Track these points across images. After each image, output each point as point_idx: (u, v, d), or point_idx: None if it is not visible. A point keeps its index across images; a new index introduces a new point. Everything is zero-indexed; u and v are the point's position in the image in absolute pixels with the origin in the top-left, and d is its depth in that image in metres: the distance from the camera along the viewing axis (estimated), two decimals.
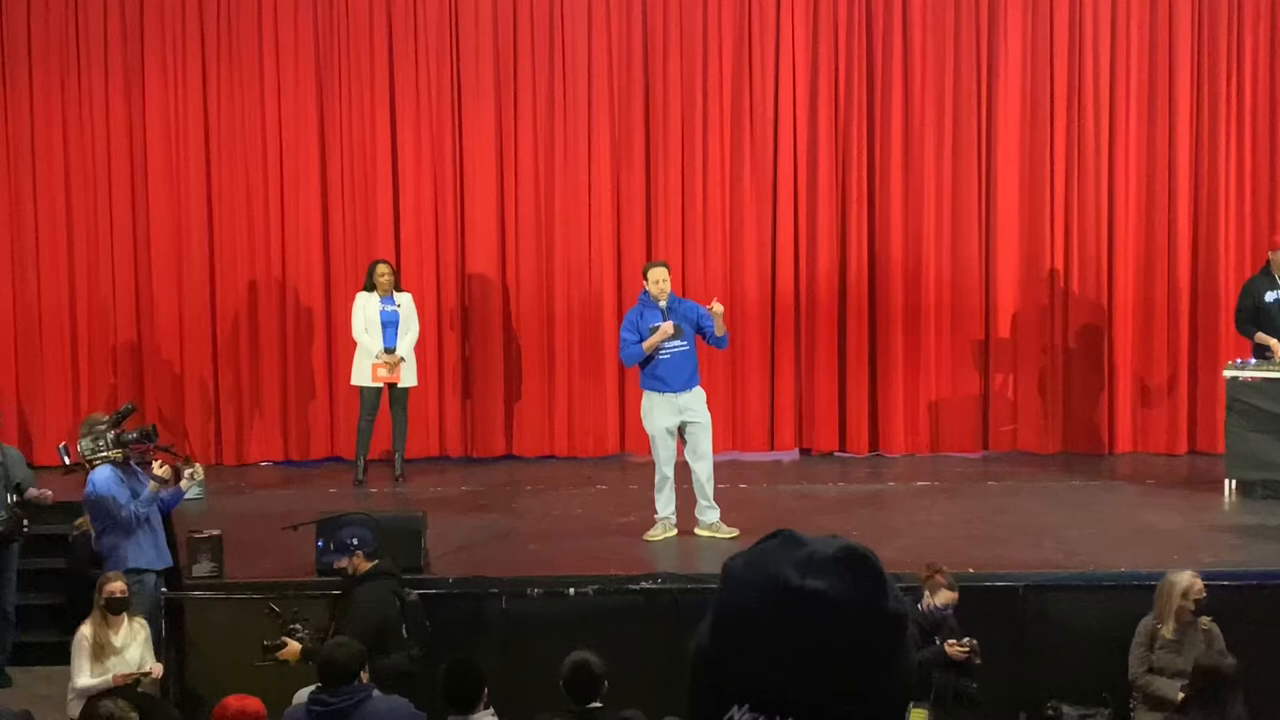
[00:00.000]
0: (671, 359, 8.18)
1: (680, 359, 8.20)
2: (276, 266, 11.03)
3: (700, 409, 8.33)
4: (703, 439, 8.32)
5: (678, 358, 8.19)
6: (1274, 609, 7.32)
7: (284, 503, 9.28)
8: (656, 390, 8.23)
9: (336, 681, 5.32)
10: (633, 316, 8.30)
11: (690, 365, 8.26)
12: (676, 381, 8.20)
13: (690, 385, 8.26)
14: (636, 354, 8.17)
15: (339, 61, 10.95)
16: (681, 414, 8.25)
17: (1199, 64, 10.87)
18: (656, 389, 8.23)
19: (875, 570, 1.21)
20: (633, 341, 8.18)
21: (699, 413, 8.31)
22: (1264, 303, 9.38)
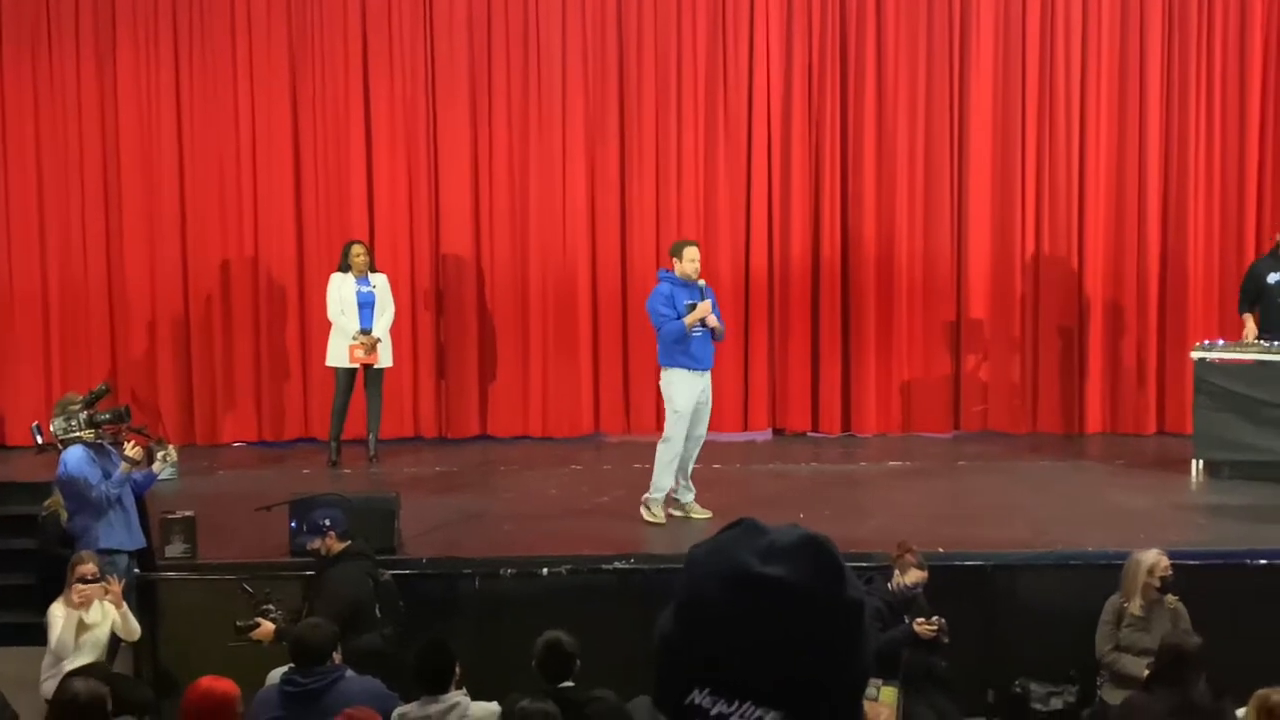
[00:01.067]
0: (702, 337, 8.28)
1: (706, 338, 8.31)
2: (249, 246, 11.00)
3: (710, 389, 8.45)
4: (706, 419, 8.43)
5: (705, 337, 8.30)
6: (1239, 588, 7.42)
7: (257, 483, 9.26)
8: (686, 367, 8.26)
9: (309, 662, 5.35)
10: (665, 293, 8.26)
11: (710, 345, 8.38)
12: (705, 359, 8.32)
13: (710, 364, 8.40)
14: (678, 329, 8.18)
15: (312, 39, 10.91)
16: (701, 392, 8.35)
17: (1169, 47, 10.94)
18: (687, 366, 8.26)
19: (834, 558, 1.24)
20: (672, 317, 8.19)
21: (709, 391, 8.43)
22: (1265, 284, 9.46)
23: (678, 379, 8.26)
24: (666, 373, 8.32)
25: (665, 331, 8.20)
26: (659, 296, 8.28)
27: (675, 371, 8.26)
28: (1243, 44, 10.92)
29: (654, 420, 11.11)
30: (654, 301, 8.30)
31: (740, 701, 1.19)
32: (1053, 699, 7.24)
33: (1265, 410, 9.02)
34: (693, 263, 8.27)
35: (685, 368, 8.25)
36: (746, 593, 1.21)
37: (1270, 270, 9.50)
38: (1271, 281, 9.45)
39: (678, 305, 8.18)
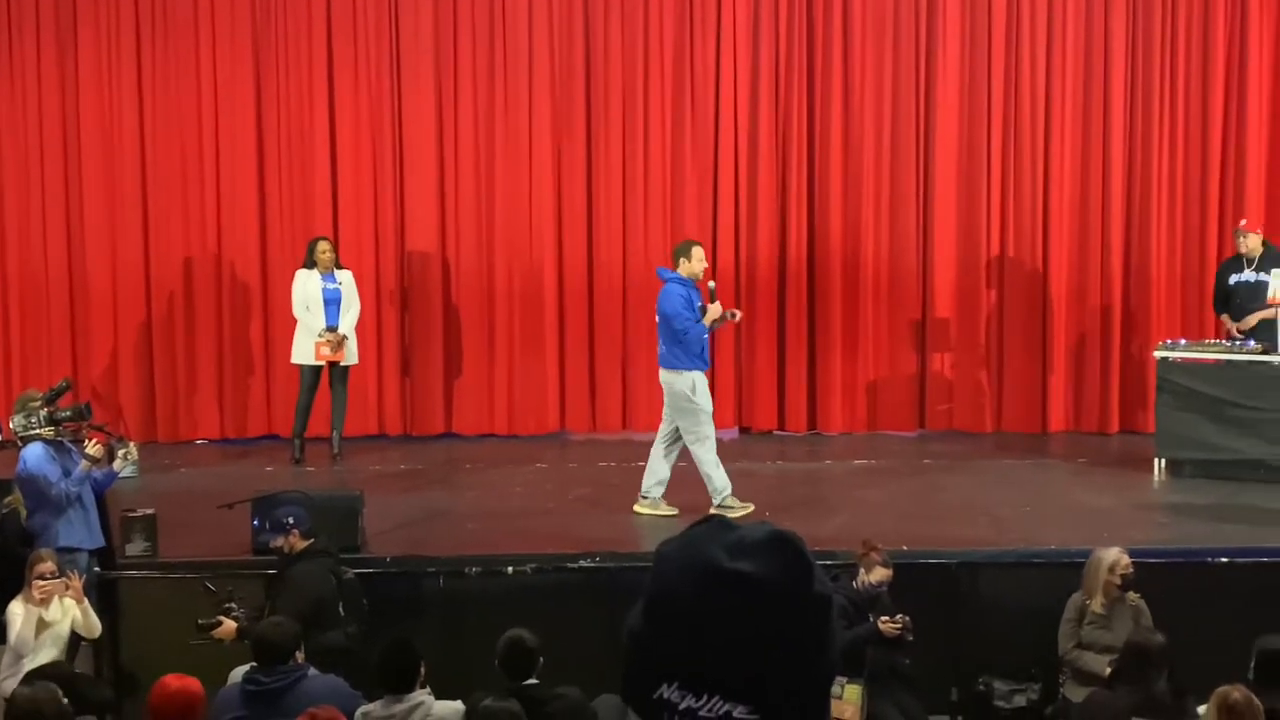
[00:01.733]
0: (708, 338, 8.36)
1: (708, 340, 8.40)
2: (213, 242, 10.92)
3: None
4: None
5: (708, 338, 8.39)
6: (1201, 585, 7.47)
7: (220, 481, 9.20)
8: (700, 369, 8.30)
9: (271, 661, 5.31)
10: (685, 296, 8.23)
11: None
12: (709, 359, 8.41)
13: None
14: (702, 331, 8.24)
15: (276, 34, 10.84)
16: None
17: (1133, 49, 11.02)
18: (701, 367, 8.31)
19: (802, 555, 1.24)
20: (695, 320, 8.21)
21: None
22: (1230, 287, 9.56)
23: (700, 381, 8.29)
24: (685, 375, 8.24)
25: (692, 337, 8.19)
26: (679, 300, 8.19)
27: (695, 375, 8.26)
28: (1205, 48, 11.01)
29: (619, 418, 11.13)
30: (675, 305, 8.19)
31: (709, 696, 1.19)
32: (1015, 696, 7.28)
33: (1227, 409, 9.10)
34: (701, 262, 8.32)
35: (699, 370, 8.30)
36: (715, 588, 1.20)
37: (1232, 272, 9.61)
38: (1233, 283, 9.55)
39: (694, 308, 8.22)
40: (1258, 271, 9.44)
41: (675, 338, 8.19)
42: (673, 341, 8.23)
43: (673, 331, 8.19)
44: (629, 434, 11.10)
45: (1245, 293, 9.47)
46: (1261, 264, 9.45)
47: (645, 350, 11.04)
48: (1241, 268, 9.54)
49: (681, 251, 8.41)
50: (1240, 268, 9.55)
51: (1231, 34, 11.03)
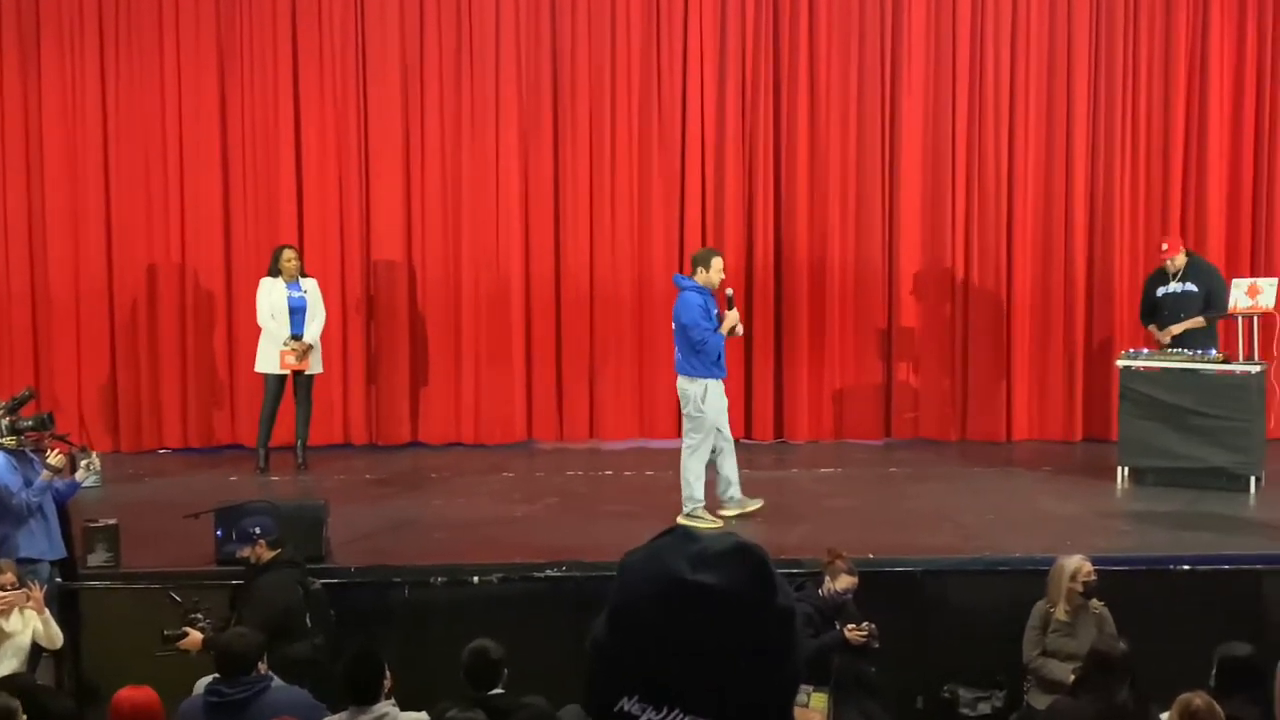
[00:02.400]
0: (724, 346, 8.37)
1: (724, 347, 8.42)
2: (176, 250, 10.85)
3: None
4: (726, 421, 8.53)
5: (724, 346, 8.40)
6: (1163, 593, 7.53)
7: (184, 491, 9.14)
8: (716, 377, 8.33)
9: (234, 672, 5.27)
10: (702, 305, 8.26)
11: None
12: (725, 368, 8.42)
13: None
14: (720, 340, 8.28)
15: (241, 41, 10.79)
16: (723, 398, 8.43)
17: (1096, 60, 11.12)
18: (717, 376, 8.33)
19: (765, 566, 1.24)
20: (712, 329, 8.24)
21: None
22: (1157, 298, 9.69)
23: (715, 390, 8.30)
24: (698, 383, 8.26)
25: (710, 346, 8.21)
26: (696, 309, 8.21)
27: (710, 383, 8.28)
28: (1167, 60, 11.12)
29: (586, 427, 11.12)
30: (693, 314, 8.20)
31: (670, 708, 1.19)
32: (980, 704, 7.31)
33: (1188, 417, 9.18)
34: (720, 273, 8.35)
35: (716, 378, 8.31)
36: (678, 600, 1.20)
37: (1159, 284, 9.73)
38: (1161, 295, 9.67)
39: (712, 316, 8.26)
40: (1183, 282, 9.58)
41: (693, 347, 8.22)
42: (690, 350, 8.27)
43: (690, 341, 8.22)
44: (596, 443, 11.10)
45: (1173, 303, 9.61)
46: (1186, 275, 9.60)
47: (613, 359, 11.07)
48: (1167, 280, 9.68)
49: (701, 260, 8.45)
50: (1166, 280, 9.69)
51: (1193, 47, 11.15)
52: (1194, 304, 9.56)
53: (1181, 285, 9.61)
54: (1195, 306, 9.56)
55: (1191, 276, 9.62)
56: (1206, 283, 9.61)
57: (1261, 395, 9.25)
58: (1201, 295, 9.56)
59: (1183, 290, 9.60)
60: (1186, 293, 9.59)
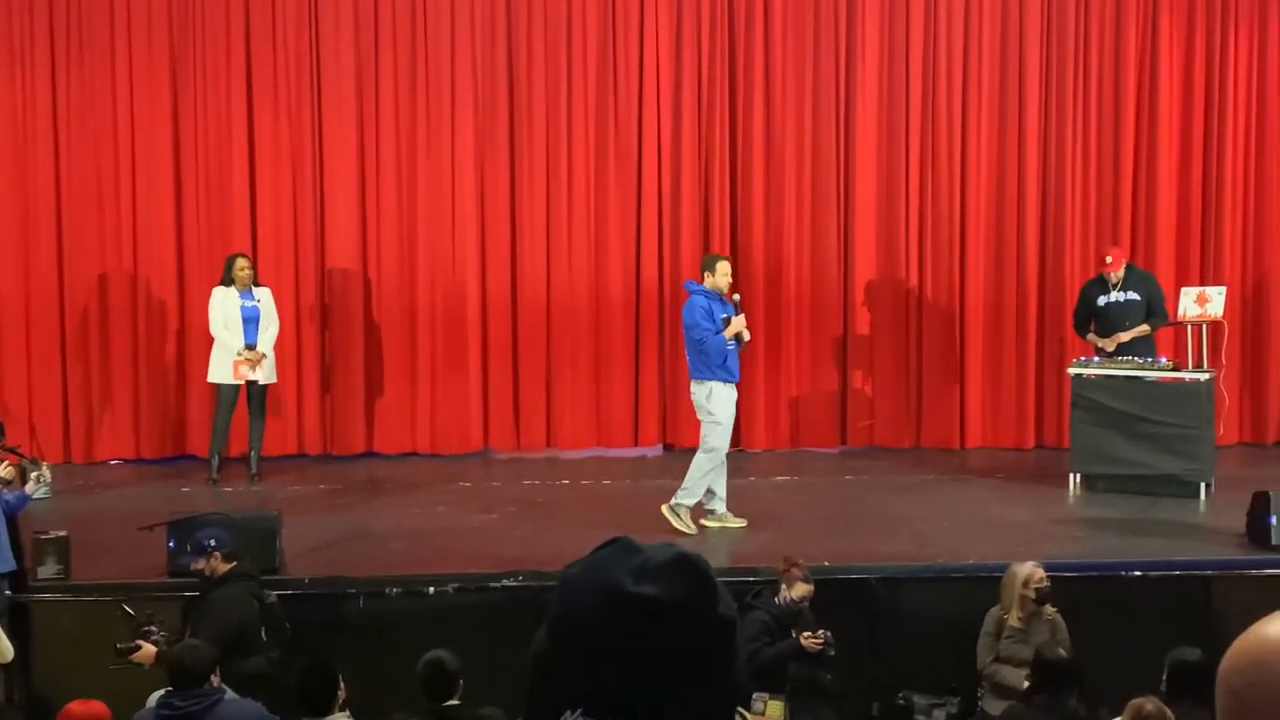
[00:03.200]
0: (734, 350, 8.47)
1: (736, 350, 8.50)
2: (128, 259, 10.76)
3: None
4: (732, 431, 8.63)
5: (737, 350, 8.50)
6: (1115, 598, 7.60)
7: (135, 502, 9.06)
8: (725, 381, 8.43)
9: (186, 685, 5.22)
10: (706, 307, 8.40)
11: (738, 358, 8.57)
12: (737, 372, 8.52)
13: (739, 376, 8.61)
14: (723, 342, 8.37)
15: (194, 48, 10.71)
16: (734, 404, 8.54)
17: (1047, 71, 11.24)
18: (725, 379, 8.43)
19: (707, 577, 1.24)
20: (714, 331, 8.35)
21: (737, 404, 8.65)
22: (1097, 306, 9.77)
23: (723, 393, 8.42)
24: (704, 385, 8.42)
25: (710, 346, 8.34)
26: (698, 310, 8.38)
27: (716, 385, 8.40)
28: (1117, 71, 11.25)
29: (543, 436, 11.10)
30: (694, 315, 8.38)
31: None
32: (935, 710, 7.35)
33: (1139, 425, 9.28)
34: (726, 276, 8.46)
35: (724, 381, 8.41)
36: (619, 612, 1.20)
37: (1099, 293, 9.81)
38: (1102, 304, 9.76)
39: (716, 319, 8.34)
40: (1125, 291, 9.67)
41: (696, 348, 8.38)
42: (696, 352, 8.42)
43: (692, 341, 8.40)
44: (554, 452, 11.09)
45: (1117, 311, 9.68)
46: (1127, 284, 9.69)
47: (570, 368, 11.06)
48: (1108, 289, 9.74)
49: (707, 265, 8.62)
50: (1106, 289, 9.75)
51: (1142, 58, 11.28)
52: (1137, 312, 9.65)
53: (1124, 294, 9.68)
54: (1138, 314, 9.65)
55: (1132, 285, 9.70)
56: (1147, 290, 9.70)
57: (1211, 402, 9.37)
58: (1143, 303, 9.65)
59: (1126, 299, 9.67)
60: (1130, 301, 9.67)
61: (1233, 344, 11.00)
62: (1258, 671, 1.23)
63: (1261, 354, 11.48)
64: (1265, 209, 11.44)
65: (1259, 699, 1.23)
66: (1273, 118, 11.40)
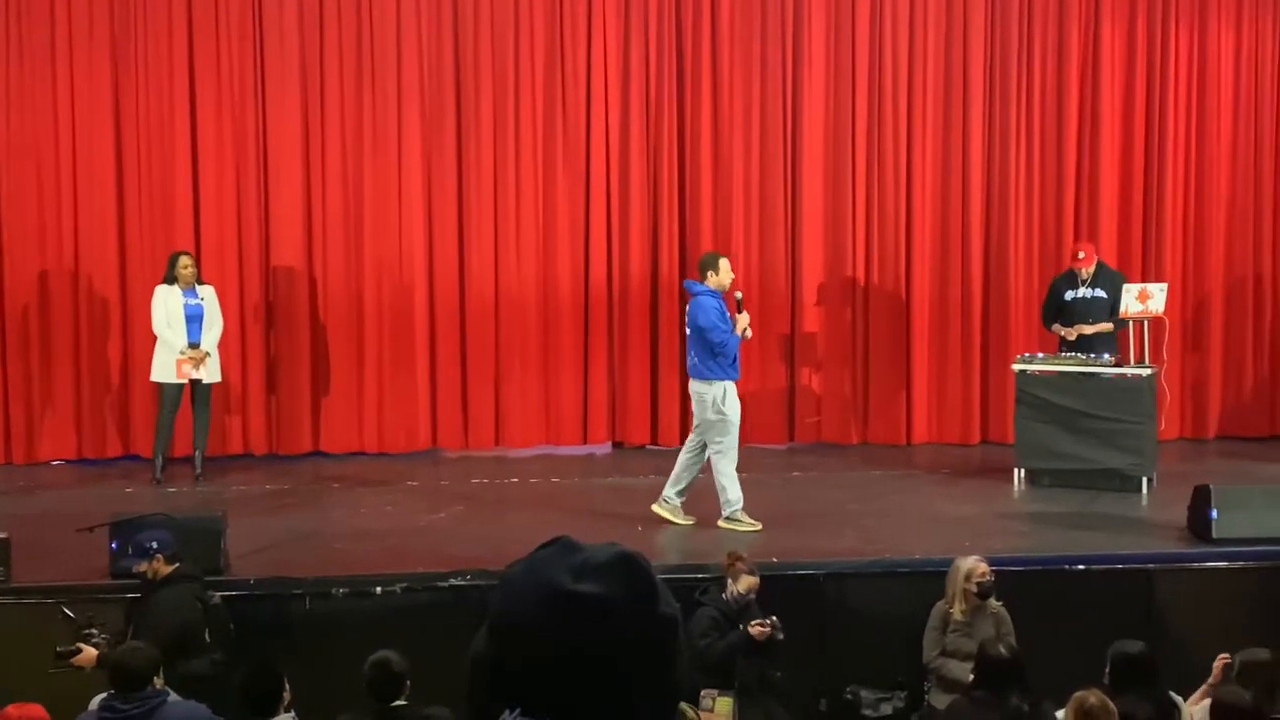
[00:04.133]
0: (738, 348, 8.47)
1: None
2: (69, 257, 10.61)
3: None
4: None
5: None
6: (1059, 592, 7.68)
7: (77, 503, 8.94)
8: (733, 379, 8.44)
9: (129, 687, 5.17)
10: (719, 308, 8.41)
11: None
12: (739, 371, 8.51)
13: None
14: (737, 342, 8.41)
15: (135, 41, 10.57)
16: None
17: (991, 71, 11.34)
18: (734, 377, 8.45)
19: (647, 575, 1.24)
20: (729, 331, 8.37)
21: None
22: (1064, 301, 9.87)
23: (730, 392, 8.41)
24: (715, 385, 8.37)
25: (730, 347, 8.35)
26: (714, 312, 8.35)
27: (727, 385, 8.41)
28: (1060, 70, 11.37)
29: (492, 434, 11.07)
30: (711, 318, 8.33)
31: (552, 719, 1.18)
32: (882, 705, 7.39)
33: (1082, 420, 9.38)
34: (729, 274, 8.49)
35: (733, 380, 8.43)
36: (560, 610, 1.20)
37: (1068, 288, 9.93)
38: (1069, 299, 9.88)
39: (728, 319, 8.39)
40: (1093, 288, 9.79)
41: (711, 350, 8.34)
42: (707, 353, 8.37)
43: (708, 344, 8.33)
44: (503, 450, 11.06)
45: (1082, 307, 9.82)
46: (1095, 280, 9.81)
47: (518, 365, 11.03)
48: (1076, 285, 9.87)
49: (709, 264, 8.55)
50: (1075, 284, 9.88)
51: (1084, 56, 11.41)
52: (1102, 309, 9.76)
53: (1091, 290, 9.80)
54: (1102, 311, 9.76)
55: (1100, 283, 9.82)
56: (1114, 289, 9.81)
57: (1153, 398, 9.49)
58: (1109, 302, 9.76)
59: (1092, 295, 9.79)
60: (1096, 298, 9.78)
61: (1174, 340, 11.13)
62: None
63: (1202, 350, 11.64)
64: (1205, 207, 11.60)
65: None
66: (1212, 117, 11.56)
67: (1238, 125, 11.62)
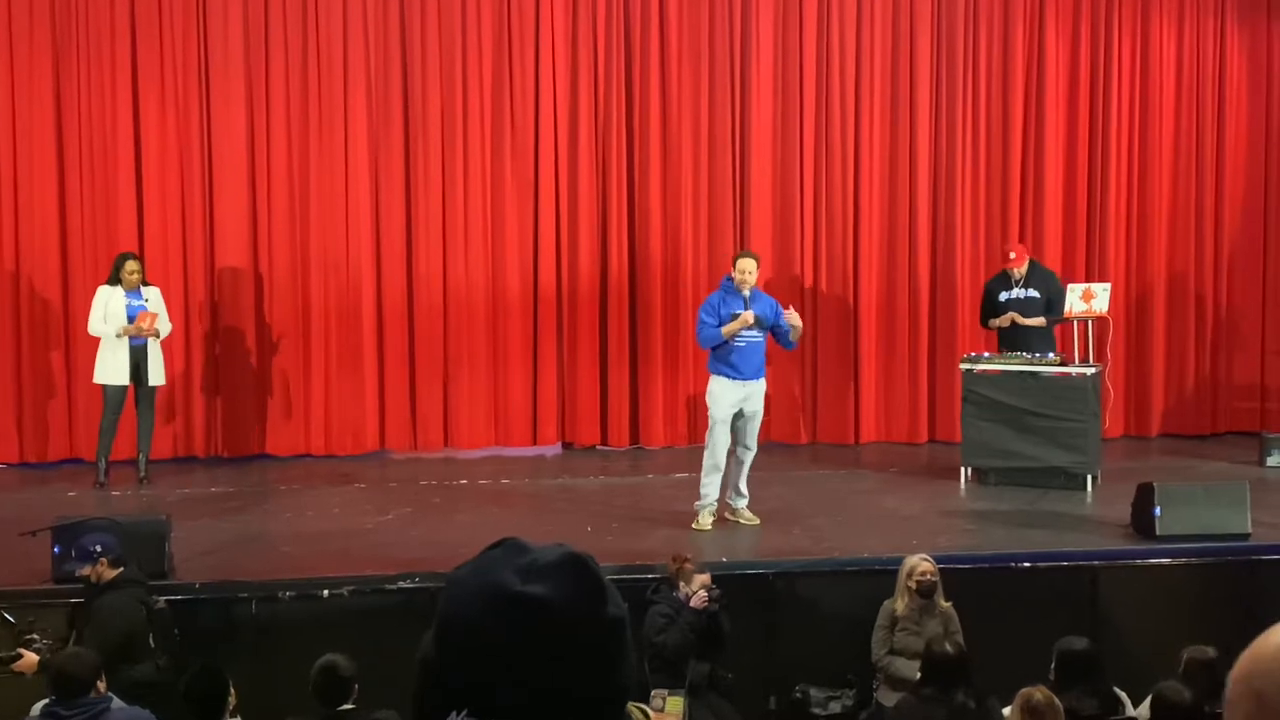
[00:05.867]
0: (746, 347, 8.42)
1: (754, 348, 8.46)
2: (9, 258, 10.46)
3: (761, 400, 8.59)
4: (755, 429, 8.57)
5: (752, 346, 8.44)
6: (1006, 589, 7.74)
7: (18, 507, 8.80)
8: (727, 376, 8.43)
9: (70, 694, 5.09)
10: (714, 300, 8.49)
11: (760, 356, 8.53)
12: (748, 369, 8.45)
13: (758, 375, 8.53)
14: (714, 336, 8.39)
15: (77, 40, 10.43)
16: (744, 402, 8.47)
17: (937, 74, 11.43)
18: (727, 374, 8.43)
19: (595, 576, 1.23)
20: (711, 325, 8.39)
21: (759, 401, 8.56)
22: (998, 302, 9.98)
23: (717, 387, 8.46)
24: (710, 380, 8.50)
25: (700, 339, 8.52)
26: (707, 304, 8.54)
27: (716, 379, 8.47)
28: (1005, 73, 11.48)
29: (441, 436, 11.02)
30: (701, 308, 8.57)
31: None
32: (831, 703, 7.42)
33: (1027, 419, 9.47)
34: (743, 274, 8.46)
35: (726, 376, 8.43)
36: (507, 612, 1.19)
37: (1001, 289, 10.04)
38: (1003, 299, 9.98)
39: (724, 312, 8.36)
40: (1026, 288, 9.91)
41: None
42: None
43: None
44: (451, 452, 11.01)
45: (1016, 307, 9.94)
46: (1028, 280, 9.92)
47: (467, 366, 10.98)
48: (1010, 285, 9.98)
49: (734, 259, 8.72)
50: (1008, 285, 10.00)
51: (1029, 59, 11.53)
52: (1036, 309, 9.90)
53: (1024, 290, 9.93)
54: (1037, 311, 9.89)
55: (1033, 282, 9.94)
56: (1047, 288, 9.93)
57: (1097, 396, 9.59)
58: (1043, 300, 9.88)
59: (1025, 295, 9.92)
60: (1029, 298, 9.91)
61: (1117, 339, 11.28)
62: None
63: (1145, 349, 11.79)
64: (1148, 208, 11.75)
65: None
66: (1155, 118, 11.71)
67: (1179, 126, 11.77)
